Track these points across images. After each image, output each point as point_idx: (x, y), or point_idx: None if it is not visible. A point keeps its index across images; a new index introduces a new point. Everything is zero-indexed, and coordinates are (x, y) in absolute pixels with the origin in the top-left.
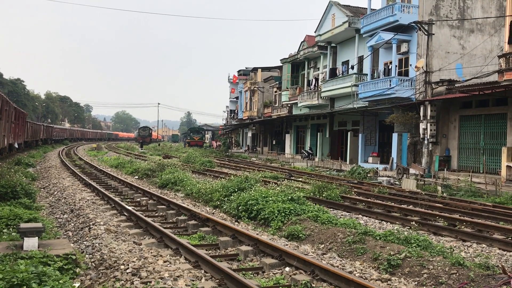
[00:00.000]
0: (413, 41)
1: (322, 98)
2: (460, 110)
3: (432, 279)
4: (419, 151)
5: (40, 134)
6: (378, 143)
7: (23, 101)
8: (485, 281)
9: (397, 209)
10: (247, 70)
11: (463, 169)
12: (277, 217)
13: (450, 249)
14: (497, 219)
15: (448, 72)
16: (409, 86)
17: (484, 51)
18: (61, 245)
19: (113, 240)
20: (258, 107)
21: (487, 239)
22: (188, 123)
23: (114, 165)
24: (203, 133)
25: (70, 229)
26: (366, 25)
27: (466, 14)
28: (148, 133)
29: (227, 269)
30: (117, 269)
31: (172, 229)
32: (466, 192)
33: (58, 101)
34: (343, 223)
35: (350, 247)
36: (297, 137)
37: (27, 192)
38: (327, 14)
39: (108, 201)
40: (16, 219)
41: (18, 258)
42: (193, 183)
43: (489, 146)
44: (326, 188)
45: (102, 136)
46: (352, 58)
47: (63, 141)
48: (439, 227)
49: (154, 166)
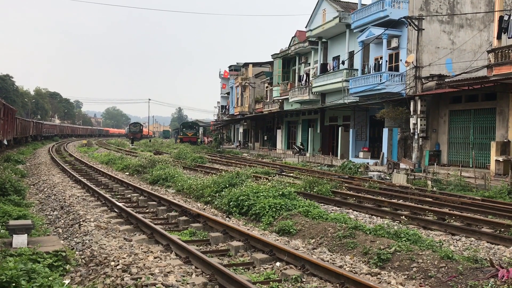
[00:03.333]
0: (403, 36)
1: (313, 94)
2: (450, 105)
3: (421, 272)
4: (410, 146)
5: (30, 130)
6: (368, 138)
7: (12, 97)
8: (473, 274)
9: (387, 203)
10: (238, 65)
11: (453, 164)
12: (268, 212)
13: (439, 243)
14: (486, 213)
15: (438, 67)
16: (399, 81)
17: (474, 46)
18: (51, 242)
19: (104, 237)
20: (249, 102)
21: (475, 232)
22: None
23: (104, 161)
24: (197, 128)
25: (60, 226)
26: (356, 20)
27: (455, 9)
28: (139, 129)
29: (218, 265)
30: (107, 265)
31: (163, 225)
32: (455, 187)
33: (48, 97)
34: (334, 218)
35: (340, 242)
36: (289, 132)
37: (17, 189)
38: (318, 9)
39: (98, 198)
40: (5, 216)
41: (7, 255)
42: (184, 179)
43: (478, 141)
44: (317, 183)
45: (92, 132)
46: (343, 54)
47: (53, 138)
48: (428, 221)
49: (145, 162)
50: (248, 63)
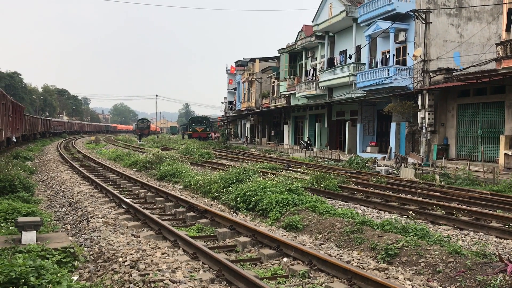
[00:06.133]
0: (411, 29)
1: (320, 88)
2: (458, 99)
3: (429, 267)
4: (417, 140)
5: (38, 127)
6: (376, 132)
7: (20, 94)
8: (482, 269)
9: (395, 198)
10: (244, 60)
11: (461, 158)
12: (275, 208)
13: (447, 238)
14: (495, 207)
15: (446, 60)
16: (407, 75)
17: (482, 39)
18: (59, 239)
19: (111, 233)
20: (256, 98)
21: (484, 227)
22: (186, 115)
23: (112, 157)
24: (207, 123)
25: (69, 222)
26: (363, 14)
27: (463, 2)
28: (147, 125)
29: (225, 261)
30: (115, 261)
31: (171, 221)
32: (464, 181)
33: (56, 94)
34: (341, 213)
35: (348, 237)
36: (296, 127)
37: (25, 185)
38: (324, 3)
39: (106, 194)
40: (15, 213)
41: (16, 252)
42: (192, 175)
43: (487, 135)
44: (324, 178)
45: (100, 129)
46: (350, 48)
47: (61, 134)
48: (436, 216)
49: (153, 158)
50: (254, 58)
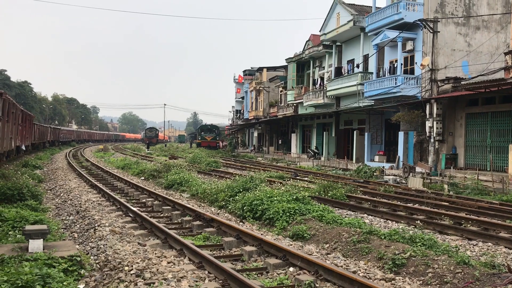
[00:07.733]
0: (419, 39)
1: (328, 97)
2: (467, 108)
3: (437, 278)
4: (426, 150)
5: (47, 136)
6: (384, 141)
7: (30, 103)
8: (490, 280)
9: (403, 208)
10: (252, 70)
11: (470, 167)
12: (282, 217)
13: (455, 248)
14: (504, 217)
15: (454, 69)
16: (415, 84)
17: (490, 48)
18: (66, 247)
19: (118, 242)
20: (264, 106)
21: (493, 237)
22: (194, 123)
23: (120, 166)
24: (217, 132)
25: (76, 230)
26: (371, 24)
27: (471, 11)
28: (155, 134)
29: (231, 270)
30: (121, 270)
31: (177, 230)
32: (472, 190)
33: (65, 103)
34: (348, 222)
35: (354, 247)
36: (303, 136)
37: (34, 194)
38: (332, 13)
39: (113, 203)
40: (22, 221)
41: (23, 260)
42: (199, 184)
43: (496, 144)
44: (332, 187)
45: (109, 138)
46: (358, 57)
47: (70, 143)
48: (444, 225)
49: (160, 167)
50: (262, 67)
